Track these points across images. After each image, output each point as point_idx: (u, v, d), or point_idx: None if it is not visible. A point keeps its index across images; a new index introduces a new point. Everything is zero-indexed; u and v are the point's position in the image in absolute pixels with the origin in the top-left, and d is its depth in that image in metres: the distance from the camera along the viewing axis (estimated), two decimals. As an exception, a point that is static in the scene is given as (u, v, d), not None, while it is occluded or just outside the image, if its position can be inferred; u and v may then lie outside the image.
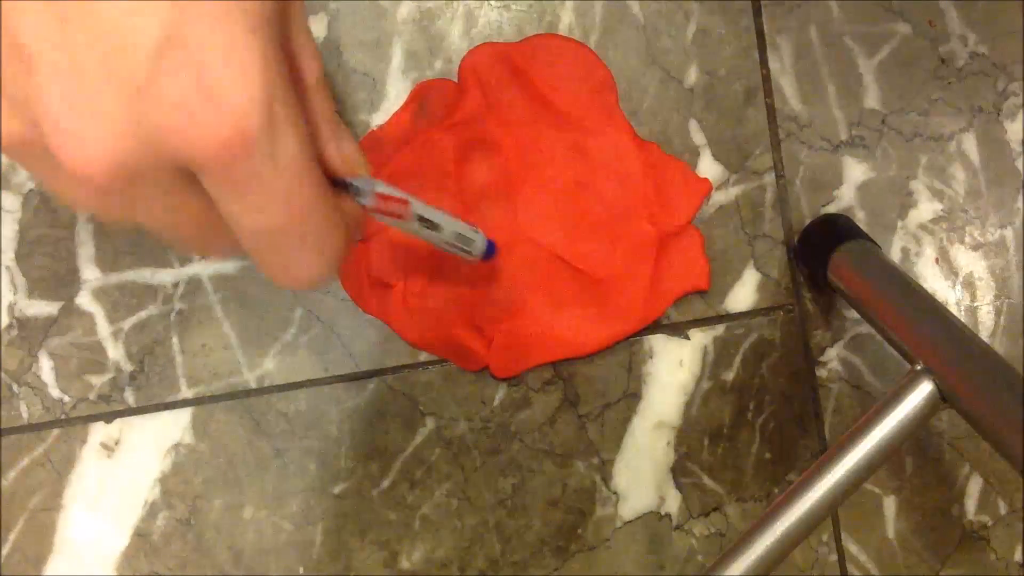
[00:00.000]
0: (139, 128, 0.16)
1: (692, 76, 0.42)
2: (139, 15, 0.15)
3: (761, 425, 0.43)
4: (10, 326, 0.41)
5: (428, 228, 0.29)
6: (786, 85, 0.42)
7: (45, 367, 0.41)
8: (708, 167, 0.42)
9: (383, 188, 0.25)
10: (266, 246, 0.19)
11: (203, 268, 0.41)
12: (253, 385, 0.42)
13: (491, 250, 0.36)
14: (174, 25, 0.15)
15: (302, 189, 0.18)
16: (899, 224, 0.43)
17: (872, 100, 0.43)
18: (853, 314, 0.43)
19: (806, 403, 0.43)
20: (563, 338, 0.41)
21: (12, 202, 0.41)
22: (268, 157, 0.17)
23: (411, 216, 0.27)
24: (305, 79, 0.20)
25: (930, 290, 0.43)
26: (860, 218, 0.43)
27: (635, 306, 0.41)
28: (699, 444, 0.42)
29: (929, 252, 0.43)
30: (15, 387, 0.41)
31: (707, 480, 0.43)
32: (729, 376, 0.42)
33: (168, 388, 0.41)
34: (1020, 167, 0.43)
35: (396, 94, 0.41)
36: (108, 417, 0.41)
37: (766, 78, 0.42)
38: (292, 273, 0.20)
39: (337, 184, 0.22)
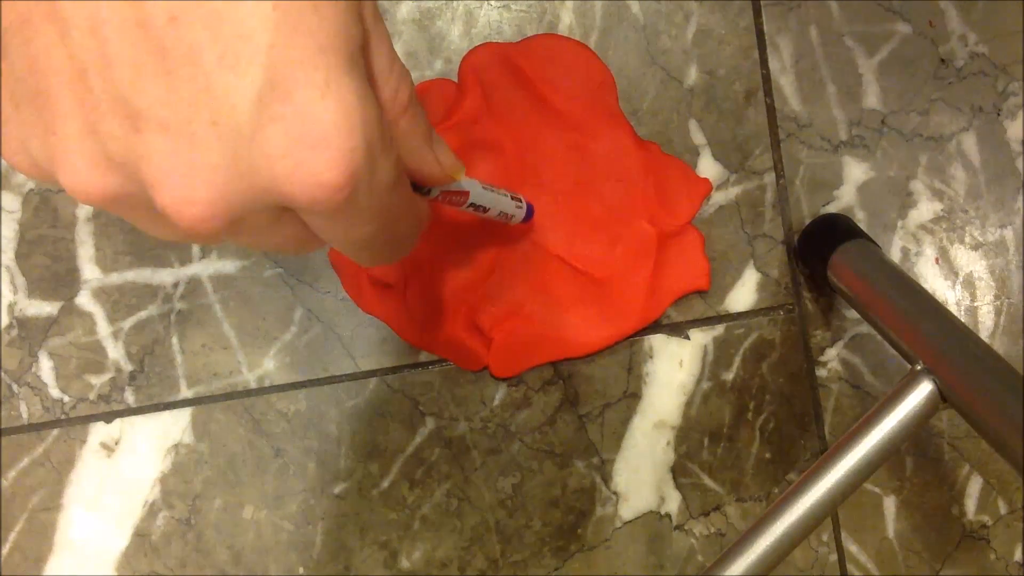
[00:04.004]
0: (246, 178, 0.16)
1: (692, 76, 0.42)
2: (240, 64, 0.15)
3: (761, 425, 0.43)
4: (10, 326, 0.41)
5: (478, 211, 0.33)
6: (786, 85, 0.42)
7: (45, 367, 0.41)
8: (708, 167, 0.42)
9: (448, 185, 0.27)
10: (359, 248, 0.21)
11: (203, 268, 0.41)
12: (253, 385, 0.42)
13: (530, 214, 0.39)
14: (274, 71, 0.15)
15: (394, 203, 0.19)
16: (899, 224, 0.43)
17: (872, 100, 0.42)
18: (853, 314, 0.43)
19: (806, 403, 0.43)
20: (563, 338, 0.41)
21: (12, 202, 0.41)
22: (368, 187, 0.17)
23: (466, 204, 0.31)
24: (399, 100, 0.20)
25: (930, 290, 0.43)
26: (860, 218, 0.43)
27: (635, 306, 0.41)
28: (699, 444, 0.42)
29: (929, 252, 0.43)
30: (15, 387, 0.41)
31: (707, 480, 0.43)
32: (729, 376, 0.42)
33: (168, 388, 0.41)
34: (1020, 167, 0.43)
35: (396, 94, 0.41)
36: (108, 417, 0.41)
37: (766, 78, 0.42)
38: (379, 261, 0.23)
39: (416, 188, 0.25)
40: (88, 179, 0.16)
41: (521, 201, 0.38)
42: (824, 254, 0.39)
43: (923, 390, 0.31)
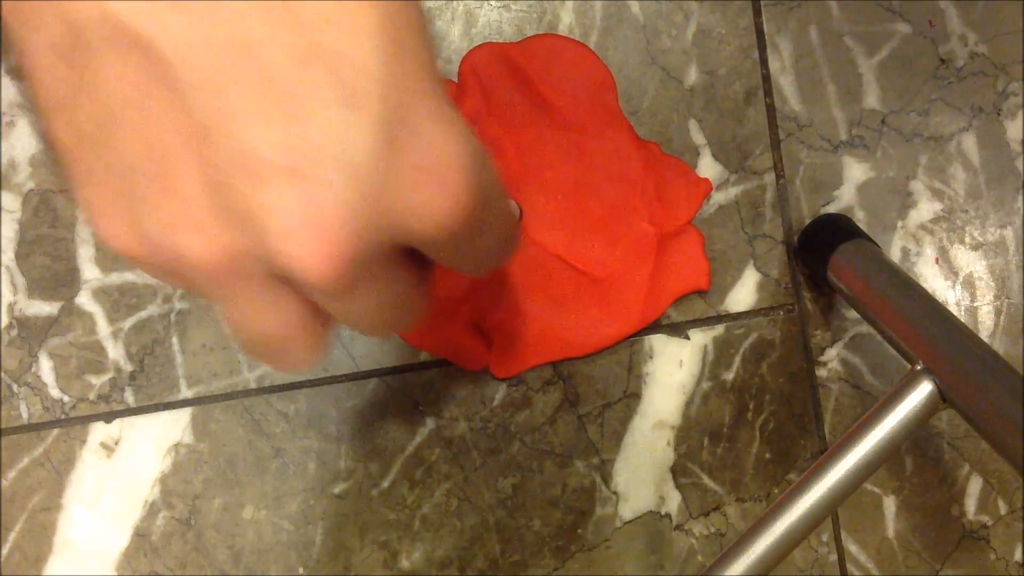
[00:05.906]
0: (376, 217, 0.15)
1: (692, 76, 0.42)
2: (363, 99, 0.15)
3: (761, 425, 0.43)
4: (10, 326, 0.41)
5: None
6: (786, 85, 0.42)
7: (45, 367, 0.41)
8: (708, 167, 0.42)
9: None
10: (476, 264, 0.20)
11: (203, 268, 0.41)
12: (253, 385, 0.42)
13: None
14: (396, 103, 0.15)
15: (499, 208, 0.19)
16: (899, 224, 0.43)
17: (872, 100, 0.42)
18: (853, 314, 0.43)
19: (806, 403, 0.43)
20: (563, 338, 0.41)
21: (12, 202, 0.41)
22: (483, 204, 0.17)
23: None
24: None
25: (930, 290, 0.43)
26: (860, 218, 0.43)
27: (635, 306, 0.41)
28: (699, 444, 0.42)
29: (929, 252, 0.43)
30: (15, 387, 0.41)
31: (707, 480, 0.43)
32: (729, 376, 0.42)
33: (168, 388, 0.41)
34: (1020, 167, 0.43)
35: (396, 94, 0.41)
36: (108, 417, 0.41)
37: (766, 78, 0.42)
38: (492, 267, 0.22)
39: None
40: (211, 238, 0.16)
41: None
42: (824, 254, 0.39)
43: (923, 390, 0.31)
